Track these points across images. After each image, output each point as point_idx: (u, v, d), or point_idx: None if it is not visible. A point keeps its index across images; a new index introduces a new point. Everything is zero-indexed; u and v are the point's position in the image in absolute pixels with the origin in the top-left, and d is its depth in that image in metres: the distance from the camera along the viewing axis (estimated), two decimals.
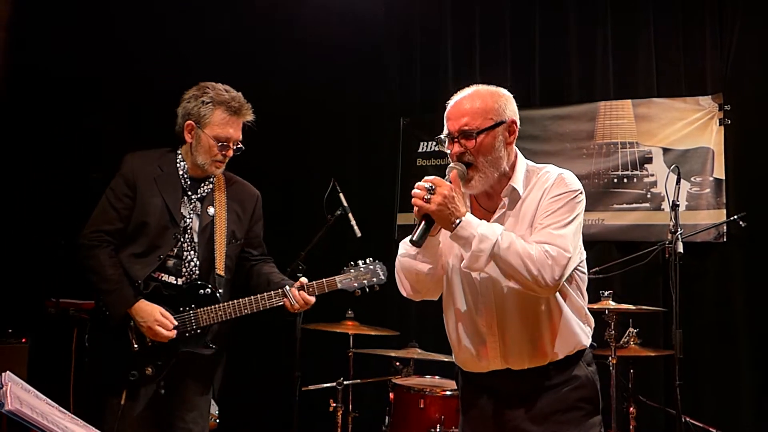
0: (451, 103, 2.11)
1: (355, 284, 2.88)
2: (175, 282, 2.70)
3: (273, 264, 2.98)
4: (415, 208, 1.94)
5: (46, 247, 4.42)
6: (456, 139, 2.03)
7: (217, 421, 5.35)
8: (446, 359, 3.64)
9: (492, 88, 2.11)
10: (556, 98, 4.61)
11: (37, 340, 4.24)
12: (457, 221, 1.91)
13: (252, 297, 2.73)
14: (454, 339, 2.16)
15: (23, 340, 4.28)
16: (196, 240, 2.73)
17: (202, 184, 2.79)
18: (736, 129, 4.14)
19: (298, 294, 2.74)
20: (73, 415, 1.33)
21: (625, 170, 4.42)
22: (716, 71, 4.23)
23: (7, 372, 1.27)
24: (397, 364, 3.83)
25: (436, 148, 5.04)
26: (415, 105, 5.15)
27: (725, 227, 4.07)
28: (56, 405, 1.35)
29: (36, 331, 4.24)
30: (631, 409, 3.57)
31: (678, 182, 3.62)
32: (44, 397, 1.35)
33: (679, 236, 3.42)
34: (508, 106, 2.07)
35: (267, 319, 5.27)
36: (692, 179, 4.21)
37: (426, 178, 1.97)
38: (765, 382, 3.93)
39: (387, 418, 3.55)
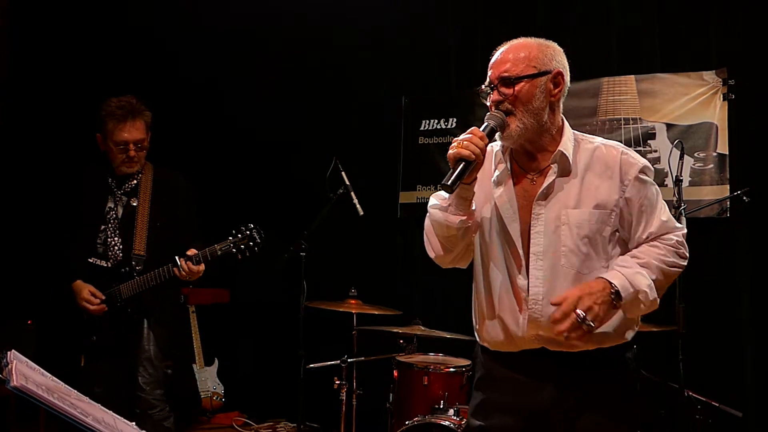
0: (495, 53, 2.02)
1: (234, 250, 3.20)
2: (104, 264, 3.22)
3: (197, 243, 3.27)
4: (451, 152, 1.86)
5: None
6: (495, 87, 1.95)
7: (223, 399, 5.42)
8: (449, 336, 3.66)
9: (541, 39, 2.02)
10: None
11: (43, 323, 4.28)
12: (617, 301, 1.82)
13: (155, 270, 3.18)
14: (485, 311, 2.03)
15: (29, 322, 4.31)
16: (119, 228, 3.24)
17: (128, 181, 3.29)
18: (741, 104, 4.10)
19: (185, 264, 3.14)
20: (78, 392, 1.34)
21: (628, 146, 4.37)
22: (720, 46, 4.19)
23: (12, 350, 1.27)
24: (401, 341, 3.84)
25: (438, 126, 5.03)
26: (417, 83, 5.12)
27: (728, 203, 4.05)
28: (62, 383, 1.36)
29: (42, 314, 4.28)
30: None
31: (681, 158, 3.60)
32: (50, 375, 1.36)
33: (683, 212, 3.41)
34: (556, 57, 1.98)
35: (271, 298, 5.33)
36: (696, 155, 4.18)
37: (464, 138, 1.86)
38: (767, 356, 3.95)
39: (391, 395, 3.57)
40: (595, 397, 1.91)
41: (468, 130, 1.89)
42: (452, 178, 1.84)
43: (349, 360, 3.79)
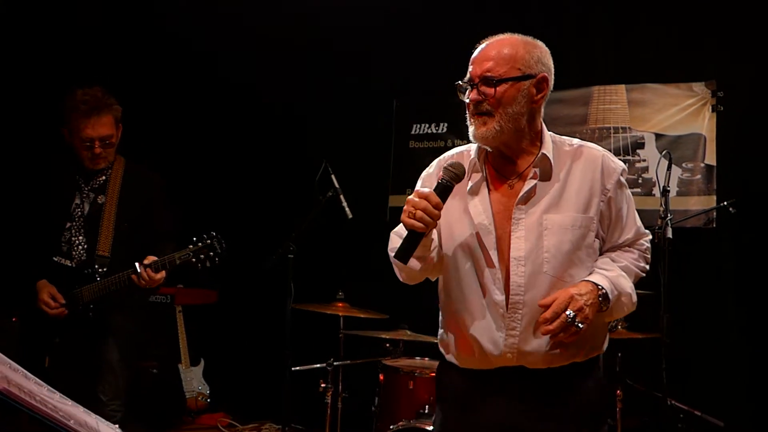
0: (479, 47, 1.92)
1: (193, 259, 3.05)
2: (68, 264, 3.07)
3: (169, 246, 3.12)
4: (404, 219, 1.76)
5: None
6: (475, 86, 1.85)
7: (208, 400, 5.40)
8: (436, 341, 3.65)
9: (528, 38, 1.91)
10: None
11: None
12: (605, 304, 1.79)
13: (115, 275, 3.02)
14: (456, 328, 1.93)
15: (14, 320, 4.27)
16: (84, 226, 3.07)
17: (96, 177, 3.12)
18: (729, 116, 4.14)
19: (144, 271, 2.97)
20: (62, 395, 1.33)
21: (617, 155, 4.41)
22: (710, 58, 4.22)
23: None
24: (387, 345, 3.84)
25: (429, 131, 5.04)
26: (408, 87, 5.12)
27: (715, 213, 4.09)
28: (45, 384, 1.35)
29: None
30: (618, 391, 3.60)
31: (669, 168, 3.62)
32: (33, 377, 1.35)
33: (669, 222, 3.43)
34: (542, 59, 1.88)
35: (258, 300, 5.31)
36: (684, 165, 4.22)
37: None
38: (750, 366, 3.98)
39: (376, 398, 3.57)
40: (570, 413, 1.85)
41: (422, 193, 1.75)
42: (404, 252, 1.78)
43: (335, 363, 3.79)
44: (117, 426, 1.38)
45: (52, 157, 3.21)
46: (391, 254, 1.88)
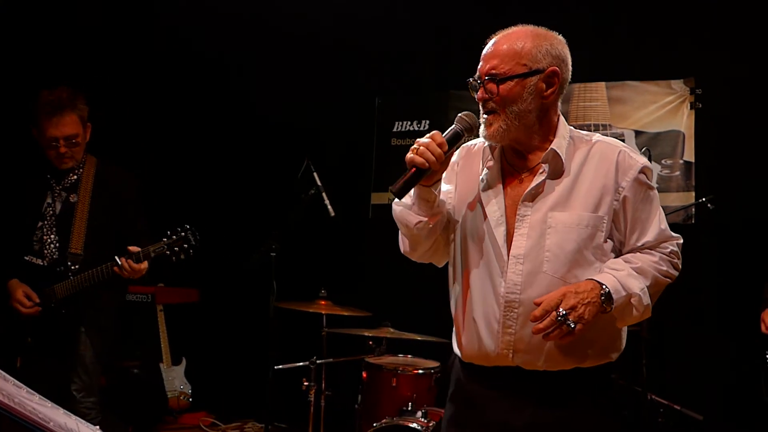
0: (489, 41, 1.84)
1: (168, 252, 3.07)
2: (40, 263, 3.09)
3: (144, 243, 3.12)
4: (408, 155, 1.73)
5: None
6: (482, 84, 1.79)
7: (190, 400, 5.37)
8: (419, 338, 3.67)
9: (540, 29, 1.84)
10: None
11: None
12: (607, 304, 1.68)
13: (93, 269, 3.03)
14: (461, 319, 1.87)
15: None
16: (56, 225, 3.09)
17: (67, 176, 3.14)
18: (707, 113, 4.19)
19: (126, 262, 2.99)
20: (41, 396, 1.32)
21: None
22: (689, 56, 4.27)
23: None
24: (370, 343, 3.85)
25: (411, 128, 5.05)
26: (390, 85, 5.12)
27: (694, 209, 4.14)
28: (24, 386, 1.33)
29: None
30: None
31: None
32: (12, 378, 1.34)
33: None
34: (552, 52, 1.80)
35: (240, 298, 5.29)
36: (663, 162, 4.26)
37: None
38: (729, 361, 4.03)
39: (360, 396, 3.57)
40: (574, 424, 1.76)
41: (429, 134, 1.75)
42: (400, 185, 1.74)
43: (318, 361, 3.78)
44: (98, 427, 1.37)
45: (24, 156, 3.25)
46: (393, 195, 1.84)
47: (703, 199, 3.89)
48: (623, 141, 4.36)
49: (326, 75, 5.20)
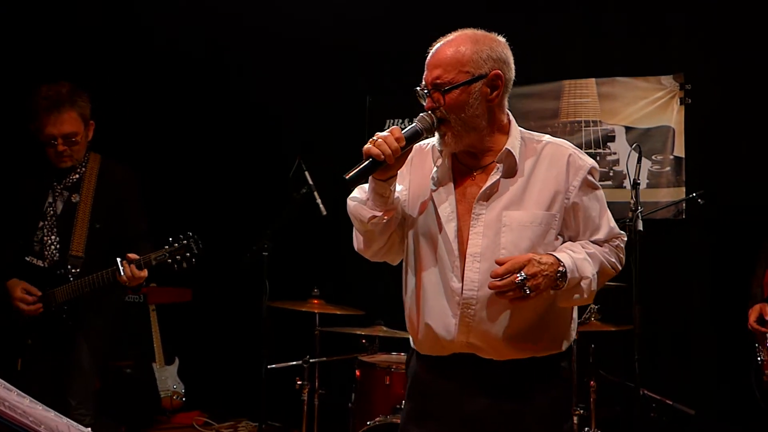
0: (431, 49, 1.87)
1: (169, 260, 2.97)
2: (40, 264, 3.01)
3: (145, 246, 3.04)
4: (365, 146, 1.78)
5: None
6: (429, 93, 1.83)
7: (183, 399, 5.36)
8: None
9: (480, 33, 1.86)
10: (521, 77, 4.59)
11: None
12: (561, 281, 1.74)
13: (95, 274, 2.93)
14: (414, 313, 1.93)
15: None
16: (56, 226, 3.00)
17: (69, 175, 3.04)
18: (697, 108, 4.21)
19: (129, 268, 2.88)
20: (32, 399, 1.31)
21: (588, 148, 4.46)
22: (678, 51, 4.28)
23: None
24: (363, 341, 3.85)
25: (402, 127, 5.04)
26: (381, 83, 5.12)
27: (684, 205, 4.15)
28: (15, 389, 1.33)
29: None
30: (592, 383, 3.65)
31: (639, 161, 3.67)
32: (2, 381, 1.33)
33: (639, 214, 3.47)
34: (492, 56, 1.82)
35: (233, 297, 5.28)
36: (653, 157, 4.28)
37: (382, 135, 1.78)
38: (720, 356, 4.06)
39: (353, 395, 3.58)
40: (529, 410, 1.83)
41: (389, 128, 1.81)
42: (353, 172, 1.78)
43: (311, 360, 3.78)
44: (89, 429, 1.36)
45: (25, 154, 3.16)
46: (354, 192, 1.91)
47: (694, 195, 3.89)
48: (614, 137, 4.41)
49: (317, 74, 5.19)
